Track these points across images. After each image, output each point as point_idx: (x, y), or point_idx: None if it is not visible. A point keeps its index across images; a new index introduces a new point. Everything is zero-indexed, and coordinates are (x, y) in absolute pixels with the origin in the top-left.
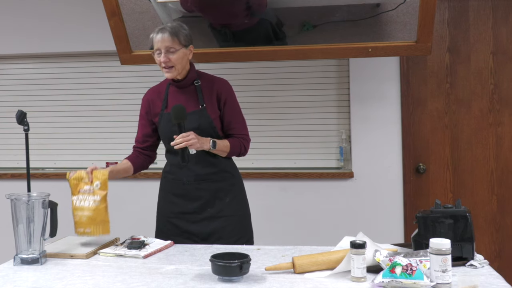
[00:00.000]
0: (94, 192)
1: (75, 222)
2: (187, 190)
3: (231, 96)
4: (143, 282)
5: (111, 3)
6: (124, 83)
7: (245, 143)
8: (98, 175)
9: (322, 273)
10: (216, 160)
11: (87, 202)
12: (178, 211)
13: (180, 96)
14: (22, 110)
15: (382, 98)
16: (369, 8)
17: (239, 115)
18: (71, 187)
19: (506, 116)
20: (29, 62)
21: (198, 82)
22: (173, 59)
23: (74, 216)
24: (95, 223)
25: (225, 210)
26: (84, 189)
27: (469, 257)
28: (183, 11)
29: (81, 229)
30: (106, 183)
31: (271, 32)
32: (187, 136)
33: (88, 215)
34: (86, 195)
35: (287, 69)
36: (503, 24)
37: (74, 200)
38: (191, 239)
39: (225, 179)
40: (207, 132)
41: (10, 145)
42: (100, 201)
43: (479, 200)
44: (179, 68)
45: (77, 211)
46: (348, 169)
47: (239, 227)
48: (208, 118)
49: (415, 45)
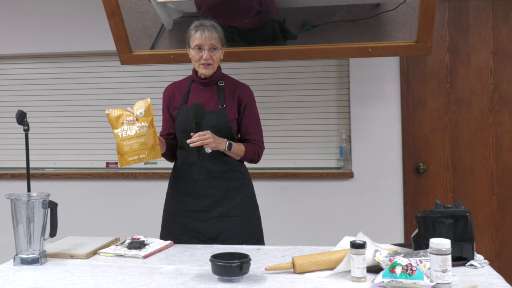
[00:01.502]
0: (140, 119)
1: (124, 153)
2: (197, 187)
3: (251, 102)
4: (143, 282)
5: (111, 3)
6: (124, 83)
7: (260, 150)
8: (140, 104)
9: (322, 273)
10: (228, 158)
11: (133, 130)
12: (187, 209)
13: (202, 94)
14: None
15: (382, 98)
16: (369, 8)
17: (257, 122)
18: (112, 121)
19: (506, 116)
20: (29, 62)
21: (221, 82)
22: (215, 57)
23: (122, 147)
24: (148, 148)
25: (235, 210)
26: (127, 120)
27: (469, 257)
28: (183, 11)
29: (134, 157)
30: (150, 109)
31: (278, 31)
32: (203, 135)
33: (140, 142)
34: (131, 125)
35: (287, 69)
36: (503, 24)
37: (119, 132)
38: (199, 238)
39: (236, 178)
40: (222, 132)
41: (10, 145)
42: (149, 126)
43: (479, 200)
44: (215, 67)
45: (125, 141)
46: (348, 169)
47: (248, 228)
48: (226, 118)
49: (415, 45)
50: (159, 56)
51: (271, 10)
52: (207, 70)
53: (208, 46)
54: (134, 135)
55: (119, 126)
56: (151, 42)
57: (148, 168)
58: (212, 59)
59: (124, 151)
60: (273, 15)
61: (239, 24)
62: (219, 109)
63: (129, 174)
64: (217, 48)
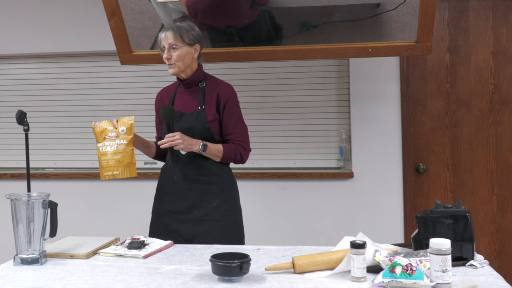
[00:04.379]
0: (120, 136)
1: (101, 167)
2: (177, 188)
3: (231, 100)
4: (143, 282)
5: (111, 3)
6: (124, 83)
7: (242, 150)
8: (123, 121)
9: (322, 273)
10: (207, 162)
11: (113, 147)
12: (167, 210)
13: (186, 97)
14: (22, 110)
15: (382, 98)
16: (369, 8)
17: (239, 121)
18: (96, 135)
19: (506, 116)
20: (29, 62)
21: (202, 84)
22: (174, 55)
23: (101, 162)
24: (123, 165)
25: (211, 214)
26: (109, 135)
27: (469, 257)
28: (183, 11)
29: (109, 173)
30: (131, 128)
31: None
32: (172, 136)
33: (116, 158)
34: (112, 141)
35: (287, 69)
36: (503, 24)
37: (100, 146)
38: (177, 239)
39: (215, 182)
40: (200, 133)
41: (10, 145)
42: (127, 144)
43: (479, 200)
44: (181, 65)
45: (103, 156)
46: (348, 169)
47: (223, 233)
48: (203, 120)
49: (415, 45)
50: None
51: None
52: (172, 70)
53: (168, 46)
54: (112, 152)
55: (101, 140)
56: (151, 42)
57: (148, 168)
58: (173, 58)
59: (102, 166)
60: (266, 2)
61: (236, 23)
62: (198, 110)
63: None
64: (177, 47)
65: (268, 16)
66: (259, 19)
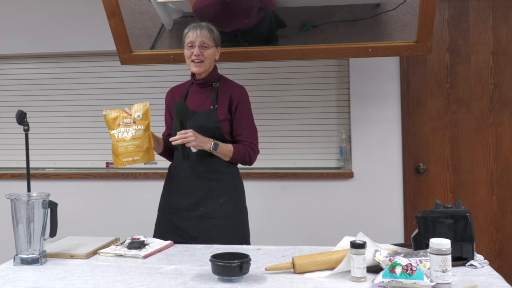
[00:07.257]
0: (137, 122)
1: (119, 154)
2: (183, 185)
3: (244, 102)
4: (143, 282)
5: (111, 3)
6: (124, 83)
7: (251, 152)
8: (138, 107)
9: (322, 273)
10: (215, 159)
11: (130, 133)
12: (173, 207)
13: (199, 96)
14: (22, 110)
15: (382, 98)
16: (369, 8)
17: (250, 123)
18: (109, 122)
19: (506, 116)
20: (29, 62)
21: (216, 84)
22: (205, 54)
23: (117, 148)
24: (143, 150)
25: (217, 212)
26: (124, 121)
27: (469, 257)
28: (183, 11)
29: (129, 158)
30: (147, 113)
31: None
32: (185, 133)
33: (135, 144)
34: (128, 127)
35: (287, 69)
36: (503, 24)
37: (115, 133)
38: (182, 236)
39: (221, 180)
40: (211, 132)
41: (10, 145)
42: (145, 129)
43: (479, 200)
44: (207, 65)
45: (121, 142)
46: (348, 169)
47: (228, 231)
48: (215, 119)
49: (415, 45)
50: (159, 56)
51: (269, 2)
52: (198, 68)
53: (199, 43)
54: (130, 137)
55: (115, 127)
56: (151, 42)
57: (148, 168)
58: (203, 56)
59: (119, 152)
60: (271, 8)
61: (241, 26)
62: (210, 109)
63: (129, 174)
64: (208, 46)
65: (273, 16)
66: (264, 20)
